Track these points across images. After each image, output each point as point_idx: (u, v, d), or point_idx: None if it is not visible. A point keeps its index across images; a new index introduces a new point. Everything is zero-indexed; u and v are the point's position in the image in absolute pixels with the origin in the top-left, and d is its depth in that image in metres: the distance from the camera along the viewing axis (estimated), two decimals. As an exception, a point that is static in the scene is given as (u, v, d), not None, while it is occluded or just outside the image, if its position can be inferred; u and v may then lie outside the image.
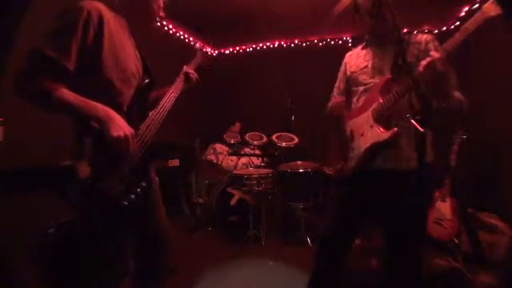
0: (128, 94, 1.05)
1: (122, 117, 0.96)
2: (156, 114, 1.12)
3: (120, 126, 0.92)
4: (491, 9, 0.92)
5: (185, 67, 1.37)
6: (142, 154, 1.05)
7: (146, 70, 1.15)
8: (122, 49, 1.02)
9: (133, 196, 0.97)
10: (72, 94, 0.88)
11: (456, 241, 2.20)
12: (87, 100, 0.90)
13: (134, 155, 1.01)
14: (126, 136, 0.92)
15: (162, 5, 1.15)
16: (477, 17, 0.94)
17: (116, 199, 0.94)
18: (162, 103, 1.16)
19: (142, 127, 1.06)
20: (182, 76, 1.33)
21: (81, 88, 0.91)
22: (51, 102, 0.85)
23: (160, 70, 1.29)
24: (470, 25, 0.95)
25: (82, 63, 0.90)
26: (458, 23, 3.11)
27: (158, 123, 1.11)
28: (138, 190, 0.99)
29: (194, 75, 1.36)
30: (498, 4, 0.91)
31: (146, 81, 1.12)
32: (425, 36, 1.25)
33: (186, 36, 3.99)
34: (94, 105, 0.90)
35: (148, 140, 1.06)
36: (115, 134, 0.90)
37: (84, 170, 0.87)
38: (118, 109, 0.98)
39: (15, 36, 1.73)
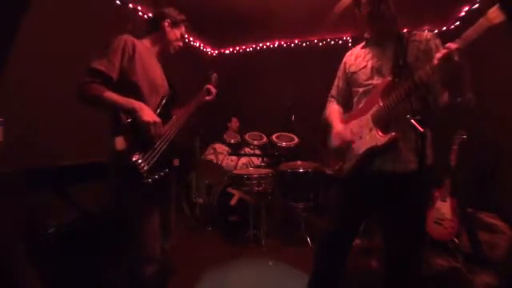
0: (155, 100, 1.36)
1: None
2: (179, 117, 1.43)
3: (149, 114, 1.22)
4: (496, 15, 0.86)
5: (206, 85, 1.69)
6: (166, 149, 1.30)
7: (171, 86, 1.49)
8: (149, 66, 1.36)
9: (156, 177, 1.21)
10: (114, 93, 1.20)
11: (456, 241, 2.20)
12: (125, 97, 1.21)
13: (159, 144, 1.28)
14: (154, 121, 1.22)
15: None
16: (481, 23, 0.89)
17: (142, 175, 1.17)
18: (184, 109, 1.50)
19: (166, 126, 1.34)
20: (204, 90, 1.64)
21: (120, 93, 1.21)
22: (102, 100, 1.17)
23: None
24: (473, 32, 0.91)
25: (122, 75, 1.25)
26: (458, 23, 3.11)
27: (181, 125, 1.42)
28: (161, 173, 1.24)
29: (213, 91, 1.66)
30: (502, 10, 0.85)
31: (170, 92, 1.45)
32: (425, 34, 1.22)
33: (186, 36, 3.99)
34: (130, 100, 1.22)
35: (171, 137, 1.34)
36: (146, 118, 1.20)
37: (121, 142, 1.13)
38: None
39: (15, 36, 1.73)
